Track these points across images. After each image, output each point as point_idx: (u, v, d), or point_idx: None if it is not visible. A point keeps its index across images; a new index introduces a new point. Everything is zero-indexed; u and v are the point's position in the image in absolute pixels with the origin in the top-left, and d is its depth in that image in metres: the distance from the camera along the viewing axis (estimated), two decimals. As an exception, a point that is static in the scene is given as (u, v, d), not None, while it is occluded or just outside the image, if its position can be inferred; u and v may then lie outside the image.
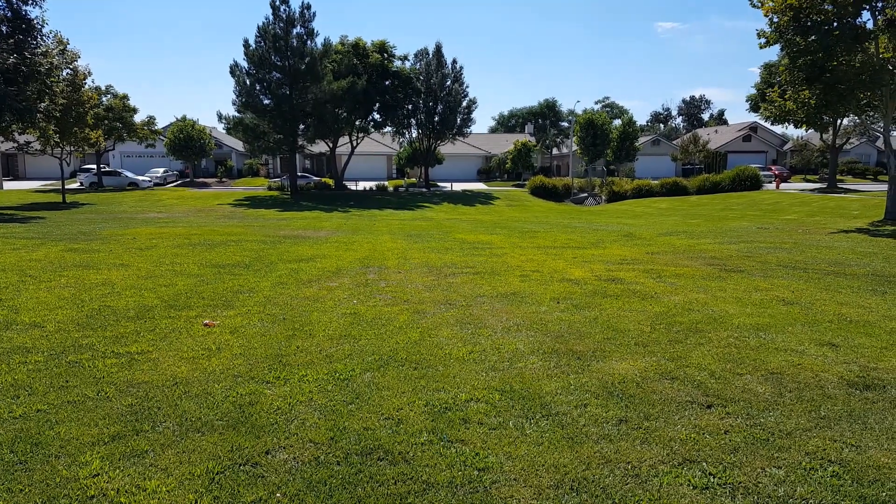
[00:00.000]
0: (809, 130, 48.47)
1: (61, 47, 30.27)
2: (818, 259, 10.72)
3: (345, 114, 42.23)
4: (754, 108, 53.73)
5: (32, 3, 26.10)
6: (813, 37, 18.24)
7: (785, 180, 49.60)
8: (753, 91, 54.21)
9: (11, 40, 25.06)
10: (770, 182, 45.18)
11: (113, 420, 3.87)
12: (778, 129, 67.96)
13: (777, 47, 20.91)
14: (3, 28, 25.35)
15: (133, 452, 3.45)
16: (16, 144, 33.80)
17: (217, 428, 3.77)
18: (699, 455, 3.42)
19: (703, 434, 3.67)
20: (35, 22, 26.23)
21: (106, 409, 4.05)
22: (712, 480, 3.16)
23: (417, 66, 47.43)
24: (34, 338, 5.68)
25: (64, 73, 30.60)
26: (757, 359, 5.05)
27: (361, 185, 48.72)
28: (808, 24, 18.21)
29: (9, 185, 50.64)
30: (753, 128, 69.46)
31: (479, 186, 53.10)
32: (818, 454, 3.42)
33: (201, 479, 3.16)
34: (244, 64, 38.80)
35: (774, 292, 7.77)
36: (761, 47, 19.98)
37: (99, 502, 2.96)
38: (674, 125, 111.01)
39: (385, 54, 45.62)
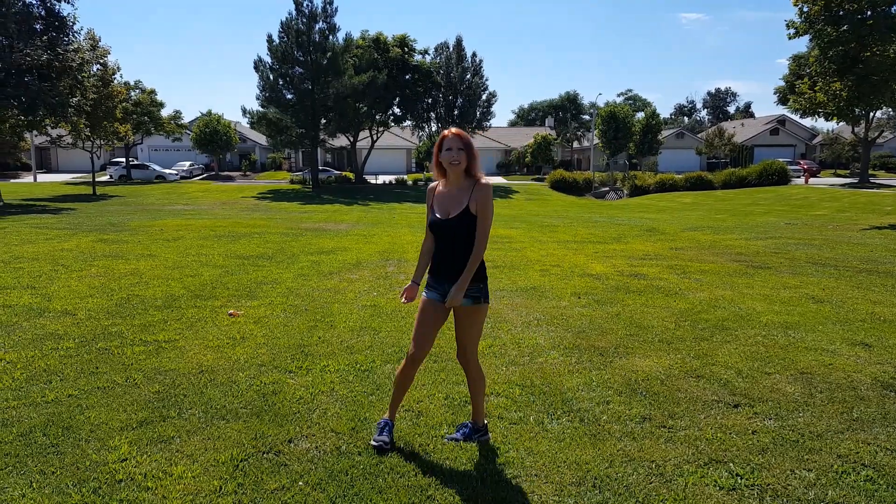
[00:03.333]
0: (840, 123, 47.39)
1: (92, 43, 30.79)
2: (849, 256, 10.49)
3: (365, 108, 42.38)
4: (782, 100, 52.70)
5: (65, 1, 26.59)
6: (845, 26, 17.81)
7: (814, 175, 48.64)
8: (781, 83, 53.18)
9: (45, 37, 25.55)
10: (798, 177, 44.35)
11: (141, 406, 3.94)
12: (807, 122, 66.77)
13: (807, 38, 20.50)
14: (37, 26, 25.84)
15: (160, 438, 3.50)
16: (49, 138, 34.56)
17: (241, 416, 3.81)
18: (726, 455, 3.37)
19: (730, 434, 3.62)
20: (67, 19, 26.71)
21: (134, 395, 4.12)
22: (739, 481, 3.11)
23: (438, 60, 47.36)
24: (66, 325, 5.80)
25: (94, 69, 31.13)
26: (786, 358, 4.96)
27: (381, 179, 48.86)
28: (840, 13, 17.78)
29: (42, 177, 51.73)
30: (781, 121, 68.13)
31: (498, 180, 52.94)
32: (851, 457, 3.34)
33: (226, 466, 3.20)
34: (267, 59, 39.13)
35: (804, 290, 7.62)
36: (790, 38, 19.58)
37: (127, 486, 3.01)
38: (698, 118, 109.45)
39: (405, 48, 45.62)
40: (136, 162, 52.45)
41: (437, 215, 3.36)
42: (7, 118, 26.27)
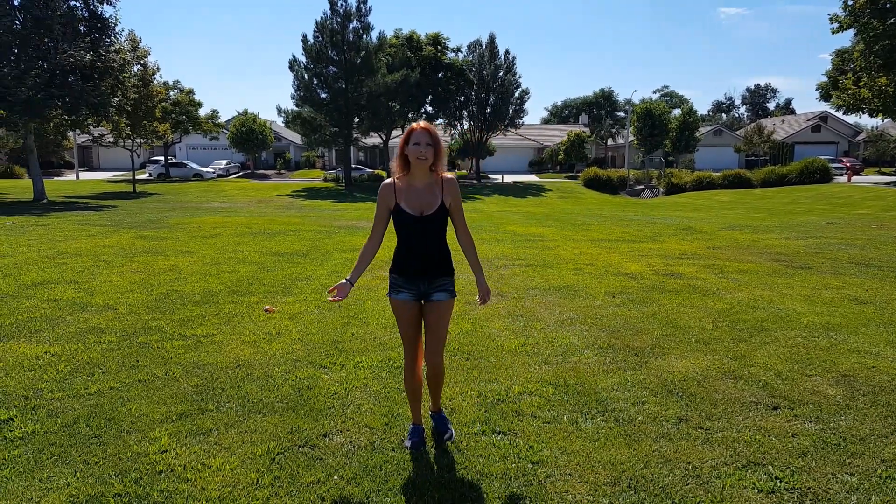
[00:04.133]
0: (886, 120, 45.87)
1: (133, 44, 31.60)
2: (894, 256, 10.16)
3: (398, 106, 42.58)
4: (825, 96, 51.16)
5: (107, 3, 27.31)
6: (892, 20, 17.22)
7: (857, 173, 47.14)
8: (824, 79, 51.61)
9: (88, 38, 26.31)
10: (841, 175, 43.04)
11: (180, 399, 4.03)
12: (850, 118, 64.68)
13: (851, 32, 19.90)
14: (81, 27, 26.62)
15: (198, 431, 3.58)
16: (91, 137, 35.57)
17: (277, 410, 3.87)
18: (765, 458, 3.30)
19: (769, 436, 3.54)
20: (109, 21, 27.46)
21: (173, 388, 4.22)
22: (779, 485, 3.04)
23: (470, 58, 47.25)
24: (107, 319, 5.97)
25: (135, 69, 31.93)
26: (827, 360, 4.83)
27: (414, 177, 48.94)
28: (888, 6, 17.22)
29: (84, 175, 53.32)
30: (823, 117, 66.26)
31: (531, 178, 52.65)
32: (895, 462, 3.25)
33: (262, 459, 3.26)
34: (302, 59, 39.63)
35: (846, 291, 7.41)
36: (834, 32, 19.04)
37: (167, 477, 3.08)
38: (737, 115, 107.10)
39: (438, 46, 45.70)
40: (174, 160, 53.66)
41: (409, 212, 3.24)
42: (52, 118, 27.14)
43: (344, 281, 3.36)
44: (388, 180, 3.35)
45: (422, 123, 3.24)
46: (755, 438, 3.50)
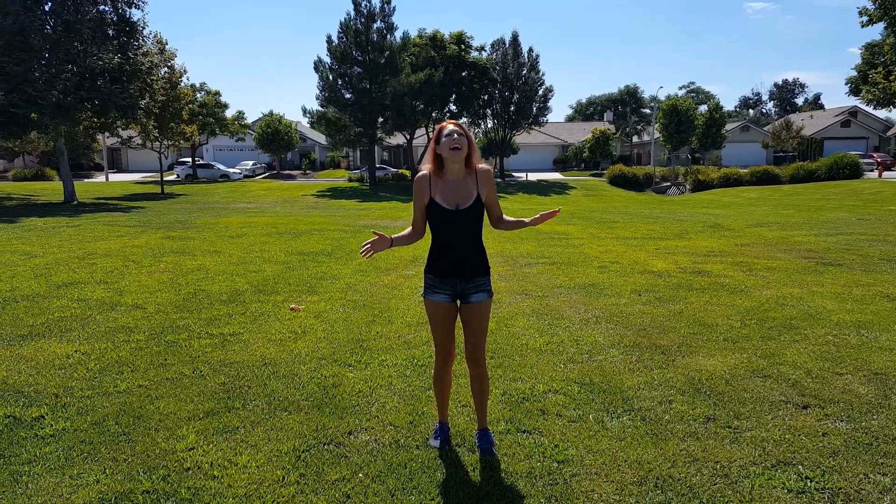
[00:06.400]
0: (919, 114, 44.65)
1: (160, 47, 32.11)
2: (929, 253, 9.89)
3: (422, 106, 42.61)
4: (854, 91, 49.93)
5: (135, 6, 27.78)
6: (926, 12, 16.77)
7: (888, 168, 45.97)
8: (853, 73, 50.42)
9: (116, 41, 26.80)
10: (872, 170, 42.01)
11: (207, 397, 4.09)
12: (881, 113, 63.13)
13: (881, 25, 19.37)
14: (110, 31, 27.12)
15: (225, 428, 3.63)
16: (119, 139, 36.24)
17: (303, 407, 3.91)
18: (794, 457, 3.23)
19: (799, 435, 3.47)
20: (137, 24, 27.93)
21: (201, 386, 4.28)
22: (809, 484, 2.98)
23: (494, 56, 47.09)
24: (136, 318, 6.07)
25: (162, 72, 32.43)
26: (858, 358, 4.72)
27: (438, 176, 48.97)
28: (921, -3, 16.76)
29: (114, 177, 54.39)
30: (853, 112, 64.72)
31: (555, 176, 52.33)
32: (930, 462, 3.16)
33: (288, 457, 3.29)
34: (327, 59, 39.88)
35: (878, 288, 7.23)
36: (863, 26, 18.58)
37: (194, 474, 3.13)
38: (764, 111, 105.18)
39: (462, 45, 45.61)
40: (201, 161, 54.42)
41: (444, 206, 3.14)
42: (81, 120, 27.70)
43: (384, 236, 3.20)
44: (423, 172, 3.26)
45: (452, 122, 3.19)
46: (785, 438, 3.44)
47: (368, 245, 3.16)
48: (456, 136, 3.10)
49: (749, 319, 5.88)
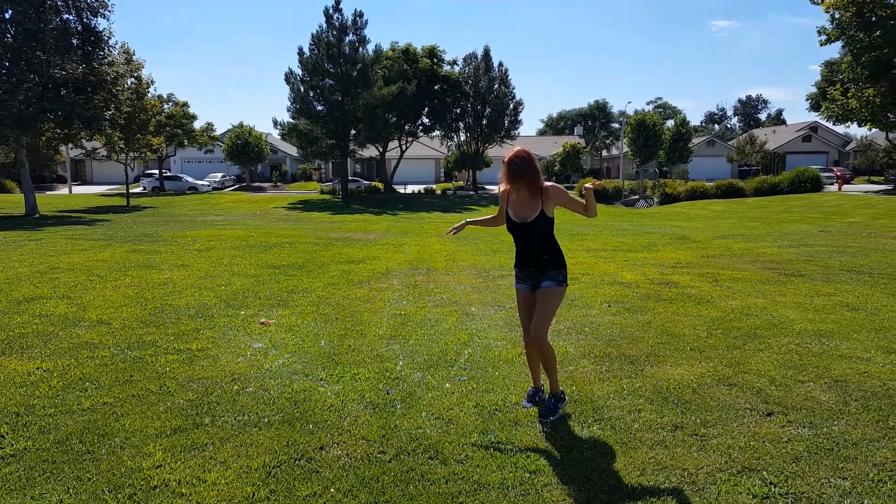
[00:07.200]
0: (874, 130, 46.25)
1: (127, 57, 31.64)
2: (884, 263, 10.22)
3: (395, 118, 42.76)
4: (815, 107, 51.68)
5: (101, 16, 27.35)
6: (878, 32, 17.45)
7: (847, 182, 47.50)
8: (814, 90, 52.17)
9: (80, 51, 26.32)
10: (832, 184, 43.34)
11: (174, 414, 4.02)
12: (840, 128, 65.34)
13: (839, 44, 20.15)
14: (74, 40, 26.63)
15: (193, 445, 3.57)
16: (83, 151, 35.48)
17: (273, 423, 3.86)
18: (759, 463, 3.31)
19: (763, 442, 3.55)
20: (103, 34, 27.48)
21: (168, 402, 4.21)
22: (773, 490, 3.05)
23: (466, 70, 47.55)
24: (101, 334, 5.94)
25: (129, 83, 31.95)
26: (820, 366, 4.86)
27: (410, 189, 49.15)
28: (873, 19, 17.44)
29: (77, 189, 53.19)
30: (814, 128, 66.86)
31: (528, 189, 52.61)
32: (887, 466, 3.26)
33: (258, 473, 3.25)
34: (298, 71, 39.78)
35: (838, 297, 7.45)
36: (822, 45, 19.27)
37: (162, 492, 3.07)
38: (729, 126, 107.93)
39: (434, 59, 45.98)
40: (168, 173, 53.65)
41: (515, 220, 3.83)
42: (44, 131, 27.07)
43: (466, 221, 4.33)
44: (502, 188, 3.94)
45: (509, 154, 3.78)
46: (749, 444, 3.52)
47: (453, 230, 4.33)
48: (503, 182, 3.82)
49: (715, 329, 6.00)
